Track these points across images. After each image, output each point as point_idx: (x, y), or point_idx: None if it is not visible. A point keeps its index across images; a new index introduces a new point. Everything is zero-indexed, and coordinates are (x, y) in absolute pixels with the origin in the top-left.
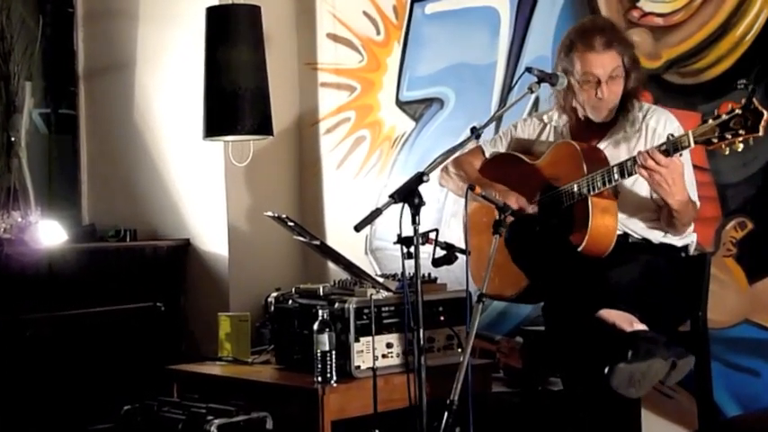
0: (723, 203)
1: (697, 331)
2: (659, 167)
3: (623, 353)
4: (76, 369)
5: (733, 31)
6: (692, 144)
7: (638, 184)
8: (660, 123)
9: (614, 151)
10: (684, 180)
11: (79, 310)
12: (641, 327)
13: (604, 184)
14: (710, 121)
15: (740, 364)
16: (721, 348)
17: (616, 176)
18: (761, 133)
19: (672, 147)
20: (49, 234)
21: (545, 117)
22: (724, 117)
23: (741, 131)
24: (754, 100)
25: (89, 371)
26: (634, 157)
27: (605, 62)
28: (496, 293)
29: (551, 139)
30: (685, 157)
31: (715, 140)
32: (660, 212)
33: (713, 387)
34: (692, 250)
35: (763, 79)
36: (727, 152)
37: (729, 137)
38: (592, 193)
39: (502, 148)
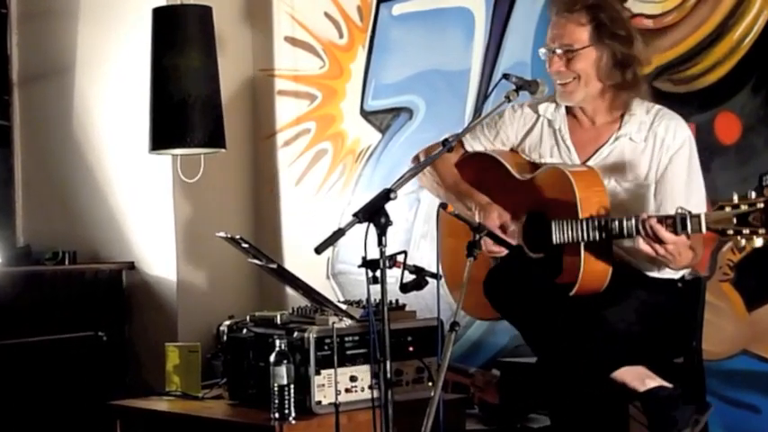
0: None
1: (691, 363)
2: (663, 246)
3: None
4: (10, 404)
5: (730, 35)
6: (705, 230)
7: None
8: (669, 132)
9: (619, 162)
10: (688, 251)
11: (13, 340)
12: (655, 383)
13: (600, 236)
14: (728, 209)
15: (738, 399)
16: (717, 382)
17: (615, 233)
18: None
19: (680, 225)
20: None
21: (540, 108)
22: (743, 208)
23: (761, 230)
24: None
25: (24, 406)
26: (637, 218)
27: (562, 27)
28: (476, 315)
29: (546, 134)
30: (694, 159)
31: (730, 232)
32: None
33: (709, 424)
34: (687, 276)
35: (763, 87)
36: (743, 243)
37: (747, 232)
38: (584, 240)
39: (485, 141)
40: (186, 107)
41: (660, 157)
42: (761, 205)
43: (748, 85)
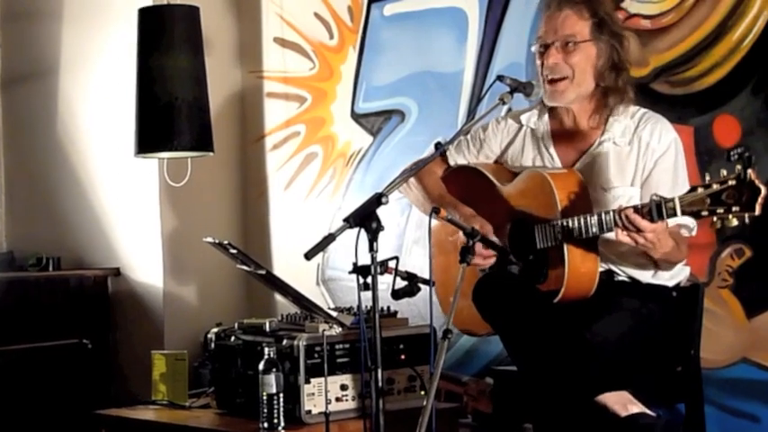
0: (718, 228)
1: (689, 372)
2: (642, 234)
3: None
4: None
5: (729, 35)
6: (680, 215)
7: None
8: (654, 136)
9: (603, 167)
10: (668, 238)
11: None
12: (637, 409)
13: (581, 234)
14: (700, 189)
15: (737, 408)
16: (716, 391)
17: (594, 230)
18: (757, 212)
19: (656, 211)
20: None
21: (522, 118)
22: (715, 188)
23: (735, 207)
24: (751, 172)
25: (7, 414)
26: (615, 212)
27: (563, 19)
28: (467, 329)
29: (528, 144)
30: (680, 162)
31: (705, 213)
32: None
33: None
34: (683, 283)
35: (763, 89)
36: (719, 226)
37: (721, 211)
38: (567, 240)
39: (469, 155)
40: (173, 109)
41: (645, 161)
42: (732, 182)
43: (748, 87)
